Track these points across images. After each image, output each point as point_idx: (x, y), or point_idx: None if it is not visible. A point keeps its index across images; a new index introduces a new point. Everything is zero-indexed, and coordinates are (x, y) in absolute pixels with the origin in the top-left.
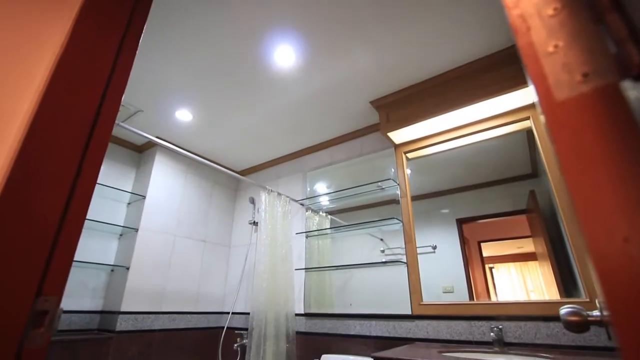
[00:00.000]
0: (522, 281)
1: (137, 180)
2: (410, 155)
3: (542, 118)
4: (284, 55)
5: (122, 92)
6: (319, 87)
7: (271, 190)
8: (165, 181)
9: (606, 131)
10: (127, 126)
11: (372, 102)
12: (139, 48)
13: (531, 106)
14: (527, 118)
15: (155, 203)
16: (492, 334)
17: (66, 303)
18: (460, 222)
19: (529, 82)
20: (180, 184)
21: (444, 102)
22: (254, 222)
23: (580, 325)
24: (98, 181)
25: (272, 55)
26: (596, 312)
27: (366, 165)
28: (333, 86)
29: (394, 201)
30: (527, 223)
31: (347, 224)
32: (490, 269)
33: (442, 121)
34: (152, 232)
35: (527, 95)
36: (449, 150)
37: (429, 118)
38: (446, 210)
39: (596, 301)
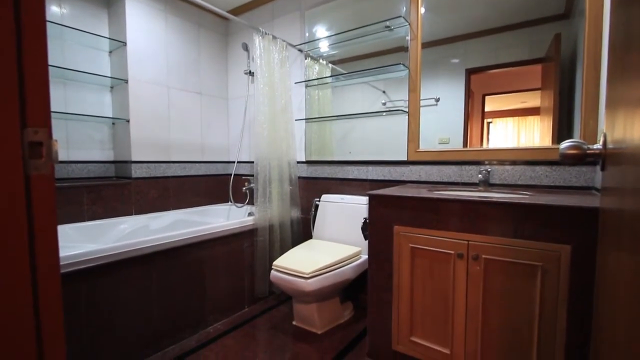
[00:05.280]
0: (517, 135)
1: (111, 23)
2: None
3: None
4: None
5: None
6: None
7: (266, 33)
8: (143, 24)
9: None
10: None
11: None
12: None
13: None
14: None
15: (138, 50)
16: (479, 175)
17: (78, 154)
18: (469, 73)
19: None
20: (161, 27)
21: None
22: (250, 72)
23: (577, 157)
24: (68, 24)
25: None
26: (597, 146)
27: (373, 2)
28: None
29: (401, 49)
30: (541, 74)
31: (348, 72)
32: (488, 123)
33: None
34: (142, 83)
35: None
36: None
37: None
38: (456, 60)
39: (601, 135)
